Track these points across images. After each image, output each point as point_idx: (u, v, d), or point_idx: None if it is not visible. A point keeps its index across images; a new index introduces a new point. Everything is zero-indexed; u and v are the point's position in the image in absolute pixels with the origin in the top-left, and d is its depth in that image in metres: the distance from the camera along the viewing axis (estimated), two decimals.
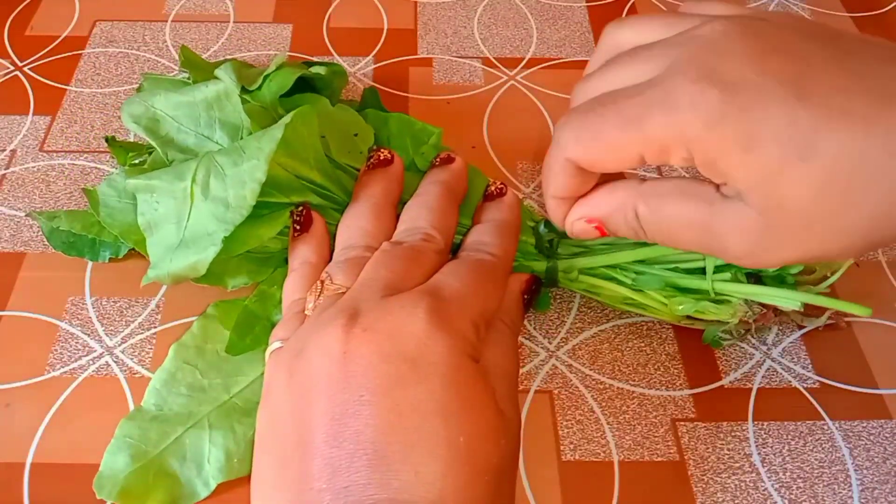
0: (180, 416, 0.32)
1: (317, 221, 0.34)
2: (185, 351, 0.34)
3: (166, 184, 0.32)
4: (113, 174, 0.35)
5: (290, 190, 0.34)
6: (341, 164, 0.37)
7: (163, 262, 0.32)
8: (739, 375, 0.36)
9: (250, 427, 0.32)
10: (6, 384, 0.35)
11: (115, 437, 0.32)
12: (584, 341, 0.37)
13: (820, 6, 0.56)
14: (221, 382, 0.33)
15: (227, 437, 0.32)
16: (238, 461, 0.31)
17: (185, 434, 0.32)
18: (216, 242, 0.31)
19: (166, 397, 0.33)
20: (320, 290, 0.30)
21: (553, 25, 0.53)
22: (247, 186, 0.31)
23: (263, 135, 0.33)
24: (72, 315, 0.37)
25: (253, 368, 0.33)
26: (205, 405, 0.32)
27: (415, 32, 0.52)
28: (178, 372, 0.33)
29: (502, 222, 0.34)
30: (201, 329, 0.35)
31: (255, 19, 0.52)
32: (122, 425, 0.32)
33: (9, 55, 0.49)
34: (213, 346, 0.34)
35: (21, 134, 0.45)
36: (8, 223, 0.40)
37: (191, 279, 0.32)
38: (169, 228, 0.32)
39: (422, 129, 0.39)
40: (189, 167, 0.32)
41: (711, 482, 0.33)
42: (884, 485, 0.33)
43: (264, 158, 0.31)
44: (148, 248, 0.32)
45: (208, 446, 0.32)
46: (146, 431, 0.32)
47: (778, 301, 0.34)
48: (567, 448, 0.34)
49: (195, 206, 0.32)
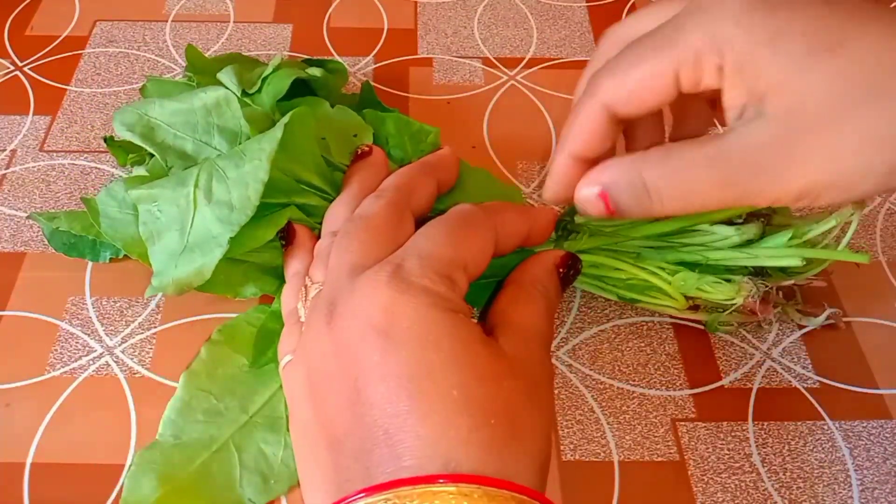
0: (202, 442, 0.32)
1: (300, 232, 0.35)
2: (196, 378, 0.34)
3: (168, 191, 0.32)
4: (111, 185, 0.35)
5: (288, 192, 0.34)
6: (341, 165, 0.37)
7: (167, 270, 0.32)
8: (739, 375, 0.36)
9: (278, 446, 0.32)
10: (6, 384, 0.35)
11: (135, 465, 0.31)
12: (584, 341, 0.37)
13: None
14: (238, 404, 0.33)
15: (259, 460, 0.32)
16: (275, 482, 0.31)
17: (210, 458, 0.31)
18: (222, 244, 0.31)
19: (183, 426, 0.32)
20: (305, 294, 0.31)
21: (553, 25, 0.53)
22: (250, 187, 0.31)
23: (263, 137, 0.33)
24: (72, 315, 0.37)
25: (267, 386, 0.33)
26: (225, 428, 0.32)
27: (415, 32, 0.52)
28: (193, 399, 0.33)
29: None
30: (210, 354, 0.34)
31: (255, 19, 0.52)
32: (142, 454, 0.31)
33: (9, 55, 0.49)
34: (224, 370, 0.34)
35: (21, 134, 0.45)
36: (8, 223, 0.40)
37: (195, 287, 0.32)
38: (172, 236, 0.32)
39: (419, 128, 0.40)
40: (191, 174, 0.32)
41: (711, 482, 0.33)
42: (884, 485, 0.33)
43: (266, 158, 0.31)
44: (150, 257, 0.32)
45: (239, 469, 0.31)
46: (169, 457, 0.31)
47: (778, 260, 0.33)
48: (567, 448, 0.34)
49: (198, 211, 0.32)
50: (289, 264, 0.34)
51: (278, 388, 0.33)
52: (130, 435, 0.33)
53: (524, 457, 0.25)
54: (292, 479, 0.31)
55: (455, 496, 0.22)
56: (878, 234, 0.42)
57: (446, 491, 0.22)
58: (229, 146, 0.35)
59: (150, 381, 0.35)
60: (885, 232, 0.42)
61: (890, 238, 0.42)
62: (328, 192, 0.36)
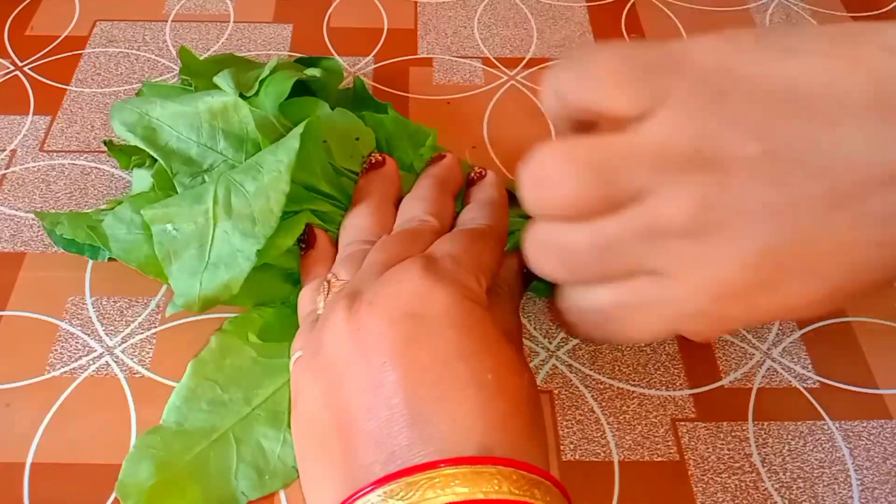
0: (203, 431, 0.32)
1: (320, 237, 0.35)
2: (203, 367, 0.34)
3: (185, 209, 0.32)
4: (117, 209, 0.34)
5: (299, 200, 0.34)
6: (343, 169, 0.37)
7: (190, 288, 0.32)
8: (739, 375, 0.36)
9: (277, 442, 0.32)
10: (6, 384, 0.35)
11: (134, 448, 0.31)
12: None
13: (820, 6, 0.56)
14: (242, 396, 0.33)
15: (257, 454, 0.32)
16: (269, 478, 0.31)
17: (209, 447, 0.31)
18: (250, 257, 0.31)
19: (187, 414, 0.32)
20: (327, 289, 0.31)
21: (553, 25, 0.53)
22: (272, 199, 0.32)
23: (278, 147, 0.33)
24: (72, 315, 0.37)
25: (273, 381, 0.33)
26: (227, 419, 0.32)
27: (415, 32, 0.52)
28: (198, 388, 0.33)
29: (487, 199, 0.36)
30: (219, 344, 0.34)
31: (255, 19, 0.52)
32: (143, 438, 0.32)
33: (9, 55, 0.49)
34: (232, 361, 0.34)
35: (21, 134, 0.45)
36: (8, 223, 0.40)
37: (222, 301, 0.32)
38: (190, 253, 0.32)
39: (417, 130, 0.40)
40: (207, 189, 0.33)
41: (711, 482, 0.33)
42: (884, 485, 0.33)
43: (286, 169, 0.32)
44: (169, 276, 0.32)
45: (235, 461, 0.31)
46: (169, 443, 0.31)
47: None
48: (567, 448, 0.34)
49: (218, 227, 0.32)
50: (309, 269, 0.34)
51: (284, 384, 0.33)
52: (130, 435, 0.33)
53: (542, 447, 0.26)
54: (287, 477, 0.31)
55: (496, 477, 0.23)
56: None
57: (488, 472, 0.23)
58: (235, 151, 0.35)
59: (150, 381, 0.35)
60: None
61: None
62: (338, 198, 0.36)
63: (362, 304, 0.27)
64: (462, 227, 0.34)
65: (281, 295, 0.35)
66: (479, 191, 0.36)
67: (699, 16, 0.55)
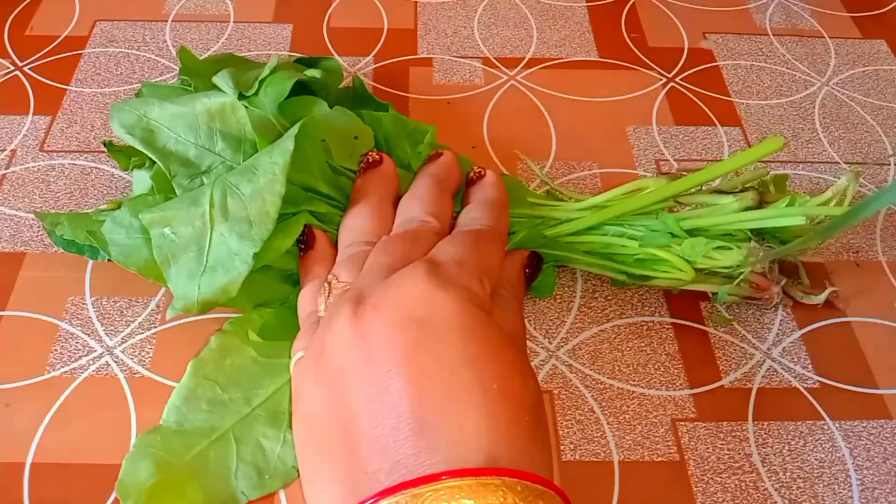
0: (203, 430, 0.32)
1: (320, 238, 0.35)
2: (203, 367, 0.33)
3: (182, 212, 0.32)
4: (116, 213, 0.34)
5: (297, 201, 0.34)
6: (341, 168, 0.37)
7: (189, 291, 0.32)
8: (739, 375, 0.36)
9: (277, 441, 0.32)
10: (6, 384, 0.35)
11: (134, 447, 0.31)
12: (584, 341, 0.37)
13: (820, 6, 0.56)
14: (242, 396, 0.33)
15: (257, 454, 0.32)
16: (269, 478, 0.31)
17: (209, 447, 0.31)
18: (247, 260, 0.31)
19: (186, 414, 0.32)
20: (328, 291, 0.31)
21: (553, 25, 0.53)
22: (268, 201, 0.32)
23: (273, 149, 0.33)
24: (72, 315, 0.37)
25: (273, 381, 0.33)
26: (227, 419, 0.32)
27: (415, 32, 0.52)
28: (198, 388, 0.33)
29: (488, 199, 0.35)
30: (219, 344, 0.34)
31: (255, 19, 0.52)
32: (142, 437, 0.32)
33: (9, 55, 0.49)
34: (232, 361, 0.34)
35: (21, 134, 0.45)
36: (8, 223, 0.40)
37: (221, 303, 0.32)
38: (189, 256, 0.32)
39: (415, 127, 0.40)
40: (203, 192, 0.32)
41: (711, 482, 0.33)
42: (884, 485, 0.33)
43: (280, 171, 0.32)
44: (168, 280, 0.32)
45: (235, 461, 0.31)
46: (169, 443, 0.31)
47: (783, 221, 0.35)
48: (567, 448, 0.34)
49: (216, 230, 0.32)
50: (308, 270, 0.34)
51: (284, 383, 0.33)
52: (130, 435, 0.33)
53: (546, 453, 0.26)
54: (287, 477, 0.31)
55: (501, 488, 0.22)
56: (878, 235, 0.42)
57: (493, 484, 0.23)
58: (233, 152, 0.35)
59: (150, 381, 0.35)
60: (885, 232, 0.42)
61: (890, 238, 0.42)
62: (336, 199, 0.36)
63: (367, 308, 0.27)
64: (463, 228, 0.33)
65: (280, 296, 0.35)
66: (479, 191, 0.36)
67: (699, 16, 0.55)
